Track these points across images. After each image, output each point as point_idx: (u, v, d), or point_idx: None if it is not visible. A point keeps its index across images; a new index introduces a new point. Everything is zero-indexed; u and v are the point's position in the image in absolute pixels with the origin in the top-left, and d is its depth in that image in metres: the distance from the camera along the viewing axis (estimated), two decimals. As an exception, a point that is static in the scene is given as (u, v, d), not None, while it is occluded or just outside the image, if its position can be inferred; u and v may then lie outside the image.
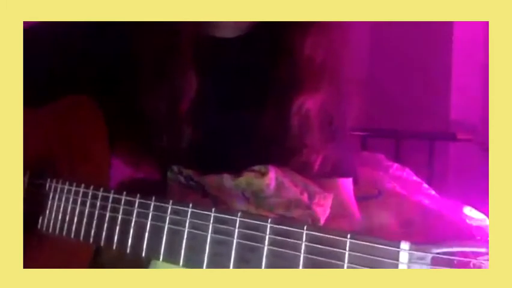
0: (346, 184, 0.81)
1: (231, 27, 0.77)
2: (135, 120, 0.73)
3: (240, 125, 0.76)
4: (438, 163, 1.67)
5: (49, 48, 0.78)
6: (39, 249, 0.66)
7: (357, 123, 0.83)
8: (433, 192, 1.38)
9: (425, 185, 1.41)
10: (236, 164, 0.70)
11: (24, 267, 0.52)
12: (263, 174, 0.69)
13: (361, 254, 0.39)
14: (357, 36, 1.92)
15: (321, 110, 0.75)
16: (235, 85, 0.77)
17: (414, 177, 1.43)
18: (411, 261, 0.37)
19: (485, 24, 1.72)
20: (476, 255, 0.35)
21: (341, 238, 0.40)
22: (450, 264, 0.36)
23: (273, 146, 0.74)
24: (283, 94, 0.74)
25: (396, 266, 0.37)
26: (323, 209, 0.71)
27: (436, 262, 0.36)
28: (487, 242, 0.35)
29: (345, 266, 0.39)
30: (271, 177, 0.68)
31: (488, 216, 1.18)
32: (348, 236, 0.40)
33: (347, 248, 0.40)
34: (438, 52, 1.89)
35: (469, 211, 1.26)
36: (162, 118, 0.72)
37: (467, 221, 1.22)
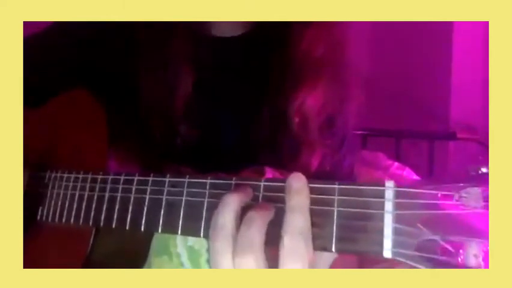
0: None
1: (229, 26, 0.77)
2: (133, 118, 0.72)
3: (237, 124, 0.76)
4: (438, 163, 1.67)
5: (48, 48, 0.78)
6: (38, 240, 0.66)
7: (358, 123, 0.82)
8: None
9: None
10: (232, 164, 0.70)
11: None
12: (259, 175, 0.68)
13: (349, 197, 0.42)
14: (357, 36, 1.92)
15: (320, 110, 0.74)
16: (233, 84, 0.77)
17: (415, 177, 1.43)
18: (397, 198, 0.40)
19: (485, 24, 1.72)
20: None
21: (330, 186, 0.44)
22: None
23: (271, 146, 0.73)
24: (281, 93, 0.74)
25: (382, 204, 0.40)
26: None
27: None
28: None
29: (335, 210, 0.43)
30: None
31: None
32: (337, 183, 0.43)
33: (336, 194, 0.43)
34: (438, 52, 1.89)
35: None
36: (156, 114, 0.72)
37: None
